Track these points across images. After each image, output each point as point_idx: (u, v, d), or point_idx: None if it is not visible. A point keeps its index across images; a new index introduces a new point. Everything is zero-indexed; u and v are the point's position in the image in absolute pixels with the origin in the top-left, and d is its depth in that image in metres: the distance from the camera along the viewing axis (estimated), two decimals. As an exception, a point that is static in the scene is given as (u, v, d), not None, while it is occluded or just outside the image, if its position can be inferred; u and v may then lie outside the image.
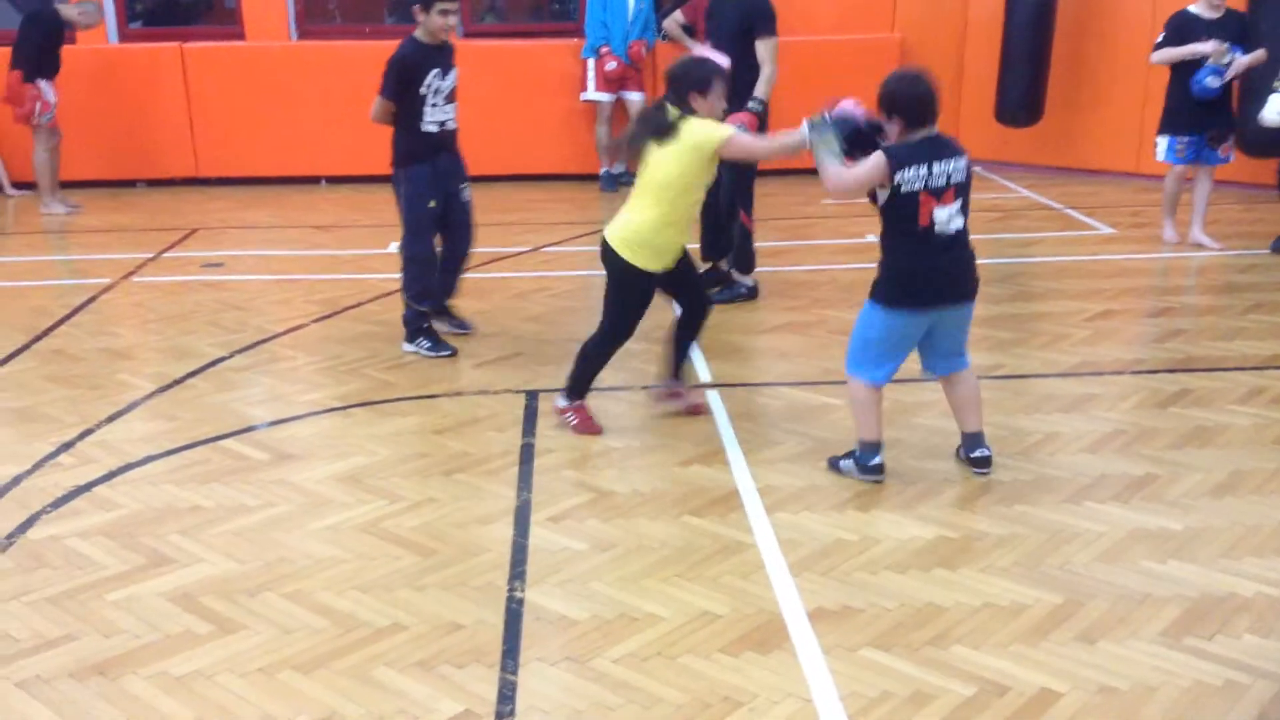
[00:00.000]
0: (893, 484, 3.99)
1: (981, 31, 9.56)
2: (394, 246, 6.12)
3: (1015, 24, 9.05)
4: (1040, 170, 9.61)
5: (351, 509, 3.86)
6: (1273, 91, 6.39)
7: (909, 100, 3.74)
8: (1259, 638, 3.01)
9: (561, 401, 4.50)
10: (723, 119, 4.22)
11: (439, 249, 5.45)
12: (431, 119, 5.15)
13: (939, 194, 3.72)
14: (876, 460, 3.99)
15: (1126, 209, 8.24)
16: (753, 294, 6.30)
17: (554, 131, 9.55)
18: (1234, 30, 6.64)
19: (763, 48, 6.28)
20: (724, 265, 6.43)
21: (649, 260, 4.25)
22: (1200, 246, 7.12)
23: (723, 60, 4.28)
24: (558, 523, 3.75)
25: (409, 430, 4.52)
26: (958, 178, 3.75)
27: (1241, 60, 6.59)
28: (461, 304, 6.21)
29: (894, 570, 3.42)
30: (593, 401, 4.80)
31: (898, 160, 3.69)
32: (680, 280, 4.46)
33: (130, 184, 9.52)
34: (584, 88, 9.24)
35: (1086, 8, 9.16)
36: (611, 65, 8.98)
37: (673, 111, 4.09)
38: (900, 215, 3.76)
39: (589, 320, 6.01)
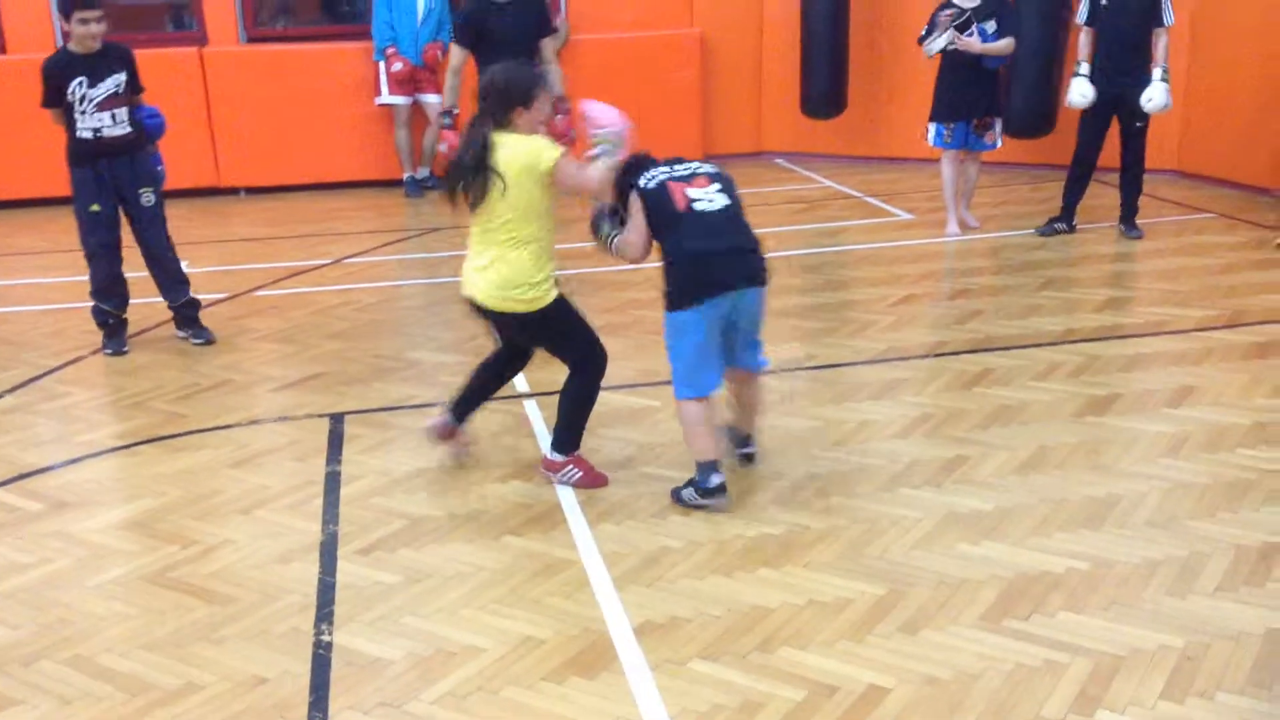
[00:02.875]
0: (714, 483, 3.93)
1: (779, 25, 9.69)
2: (182, 265, 5.76)
3: (813, 18, 9.21)
4: (843, 160, 9.81)
5: (138, 559, 3.55)
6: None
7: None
8: (1073, 614, 3.07)
9: (555, 456, 3.95)
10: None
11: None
12: (85, 126, 5.27)
13: (687, 179, 3.76)
14: (717, 480, 3.73)
15: (923, 194, 8.48)
16: None
17: (351, 137, 9.20)
18: (984, 16, 6.89)
19: (550, 46, 6.16)
20: None
21: (548, 290, 3.76)
22: (966, 226, 7.38)
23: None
24: (367, 555, 3.54)
25: (201, 466, 4.21)
26: (707, 170, 3.83)
27: (972, 41, 6.85)
28: (259, 324, 5.91)
29: (720, 574, 3.36)
30: (402, 419, 4.61)
31: (636, 176, 3.77)
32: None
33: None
34: (378, 91, 8.95)
35: (878, 1, 9.39)
36: (398, 66, 8.71)
37: (497, 141, 3.61)
38: (659, 213, 3.72)
39: (398, 333, 5.82)
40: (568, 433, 3.94)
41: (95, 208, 5.34)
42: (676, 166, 3.80)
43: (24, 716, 2.80)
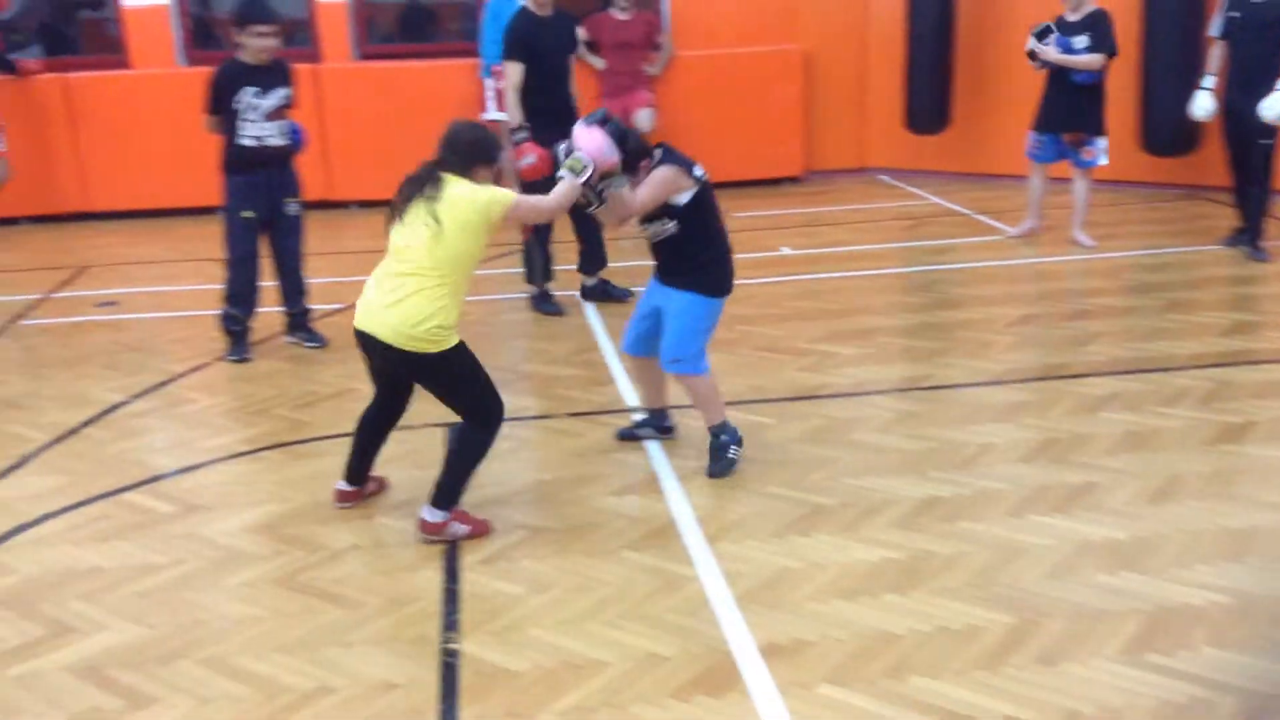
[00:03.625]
0: (833, 504, 3.88)
1: (883, 41, 9.61)
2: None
3: (917, 33, 9.12)
4: (948, 176, 9.68)
5: (268, 562, 3.62)
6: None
7: (643, 145, 4.05)
8: (1218, 650, 2.96)
9: (434, 515, 3.66)
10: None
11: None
12: (248, 134, 5.44)
13: None
14: (737, 430, 4.23)
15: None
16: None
17: (458, 152, 9.32)
18: (1078, 30, 6.92)
19: (575, 63, 6.36)
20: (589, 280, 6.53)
21: (454, 333, 3.61)
22: (1078, 245, 7.23)
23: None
24: (490, 565, 3.56)
25: (325, 473, 4.27)
26: None
27: (1047, 49, 6.95)
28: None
29: (843, 597, 3.30)
30: (517, 430, 4.63)
31: (686, 162, 3.98)
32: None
33: (13, 221, 9.05)
34: (484, 108, 9.06)
35: (985, 16, 9.25)
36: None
37: (452, 183, 3.54)
38: (708, 205, 4.04)
39: (508, 345, 5.87)
40: (452, 489, 3.65)
41: (249, 214, 5.51)
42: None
43: (163, 714, 2.86)
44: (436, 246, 3.49)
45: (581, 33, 9.23)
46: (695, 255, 4.05)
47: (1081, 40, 6.89)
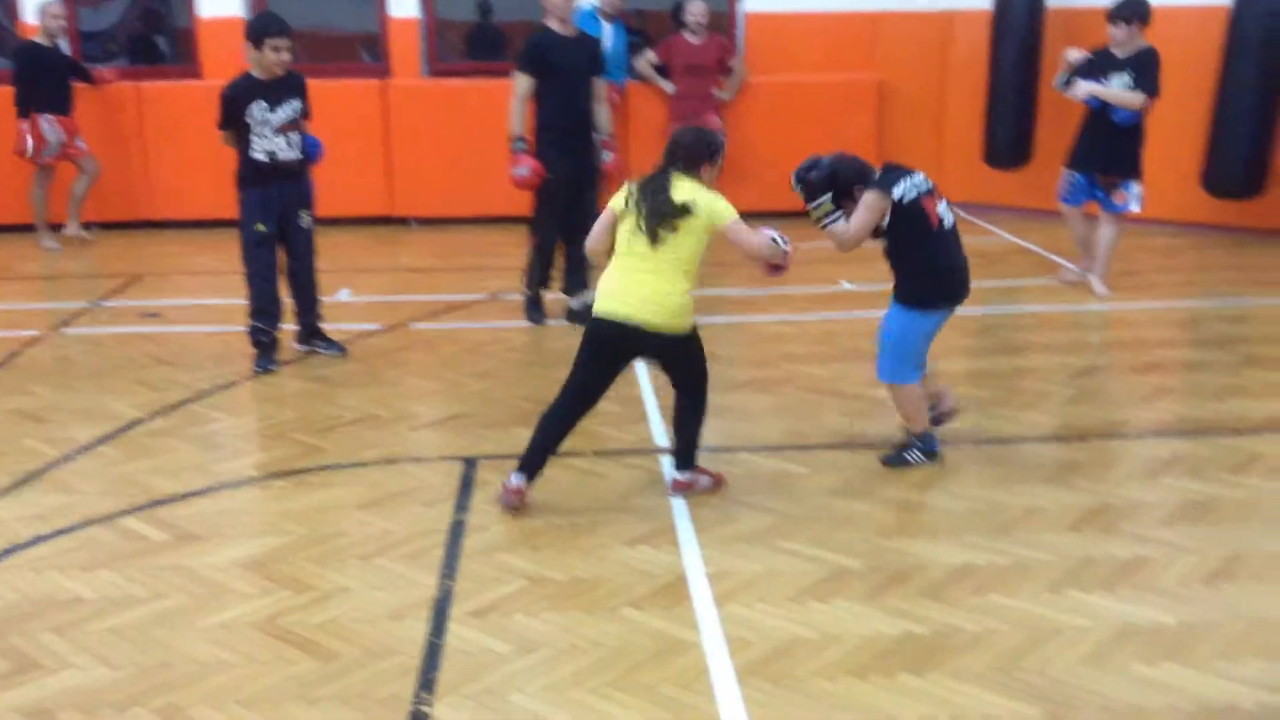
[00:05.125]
0: (858, 568, 3.61)
1: (963, 72, 9.28)
2: (344, 294, 5.80)
3: (1001, 66, 8.78)
4: (1026, 213, 9.29)
5: (251, 601, 3.45)
6: None
7: (853, 171, 4.17)
8: (1266, 765, 2.64)
9: (682, 475, 4.15)
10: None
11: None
12: (259, 148, 5.40)
13: (931, 195, 4.16)
14: (937, 444, 4.39)
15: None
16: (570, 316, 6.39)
17: (521, 173, 9.20)
18: (1120, 67, 6.50)
19: (600, 84, 6.42)
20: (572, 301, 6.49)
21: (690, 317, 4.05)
22: (1094, 294, 6.83)
23: None
24: (481, 617, 3.35)
25: (330, 505, 4.12)
26: (929, 183, 4.20)
27: (1085, 85, 6.53)
28: (410, 357, 5.87)
29: (854, 675, 3.03)
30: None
31: (886, 183, 4.09)
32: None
33: (84, 226, 9.14)
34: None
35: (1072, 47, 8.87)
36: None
37: (682, 187, 3.88)
38: (914, 225, 4.11)
39: (543, 377, 5.64)
40: (693, 449, 4.15)
41: (261, 227, 5.51)
42: (916, 177, 4.14)
43: (114, 764, 2.71)
44: (685, 238, 3.85)
45: (652, 56, 9.11)
46: (901, 268, 4.25)
47: (1122, 79, 6.46)
